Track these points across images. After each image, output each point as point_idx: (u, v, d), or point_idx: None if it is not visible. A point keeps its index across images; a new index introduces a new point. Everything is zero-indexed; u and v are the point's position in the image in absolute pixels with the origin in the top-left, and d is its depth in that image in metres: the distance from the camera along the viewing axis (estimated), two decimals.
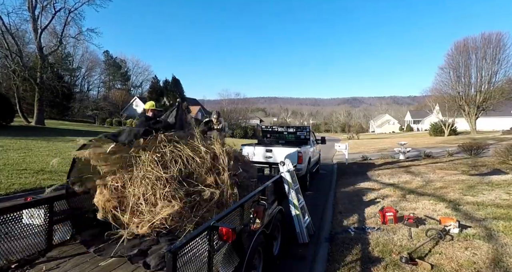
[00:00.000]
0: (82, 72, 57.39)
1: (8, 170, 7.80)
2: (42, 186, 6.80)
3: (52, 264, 2.55)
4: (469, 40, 33.01)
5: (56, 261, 2.60)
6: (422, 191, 6.81)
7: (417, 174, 9.15)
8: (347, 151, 13.31)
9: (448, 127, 33.43)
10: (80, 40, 29.07)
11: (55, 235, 2.89)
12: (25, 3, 23.75)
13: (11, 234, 2.52)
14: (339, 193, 7.42)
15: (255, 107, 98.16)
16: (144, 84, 67.77)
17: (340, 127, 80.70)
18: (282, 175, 4.40)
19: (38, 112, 25.45)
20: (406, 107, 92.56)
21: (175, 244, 1.76)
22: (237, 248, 2.42)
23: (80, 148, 2.94)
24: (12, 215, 2.53)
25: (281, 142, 8.62)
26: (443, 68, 35.18)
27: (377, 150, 19.22)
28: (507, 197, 5.77)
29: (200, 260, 2.04)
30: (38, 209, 2.72)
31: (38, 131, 19.53)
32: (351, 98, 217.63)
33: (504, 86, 31.94)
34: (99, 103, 50.61)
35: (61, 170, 8.48)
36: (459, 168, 9.75)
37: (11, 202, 4.83)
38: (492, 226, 4.26)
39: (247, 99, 60.05)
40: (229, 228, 2.09)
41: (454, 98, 34.15)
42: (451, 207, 5.38)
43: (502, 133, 29.48)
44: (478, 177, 7.94)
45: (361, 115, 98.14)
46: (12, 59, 23.46)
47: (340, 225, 4.89)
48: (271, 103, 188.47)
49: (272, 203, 3.98)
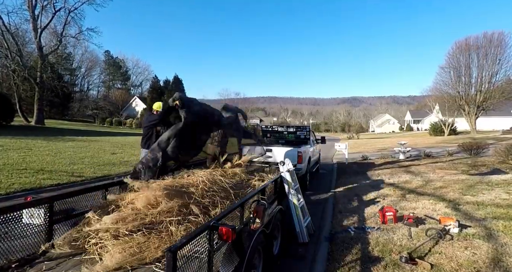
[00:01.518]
0: (82, 71, 57.48)
1: (8, 169, 7.80)
2: (42, 185, 6.81)
3: (52, 264, 2.55)
4: (471, 39, 32.95)
5: (56, 261, 2.60)
6: (422, 191, 6.81)
7: (417, 173, 9.15)
8: (347, 151, 13.31)
9: (448, 127, 33.42)
10: (80, 40, 29.14)
11: (55, 235, 2.90)
12: (25, 3, 23.78)
13: (11, 233, 2.52)
14: (339, 193, 7.42)
15: (255, 107, 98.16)
16: (144, 83, 67.86)
17: (340, 126, 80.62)
18: (282, 174, 4.40)
19: (38, 112, 25.46)
20: (406, 107, 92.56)
21: (175, 243, 1.77)
22: (237, 248, 2.42)
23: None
24: (12, 214, 2.53)
25: (281, 142, 8.62)
26: (443, 68, 35.18)
27: (377, 150, 19.23)
28: (507, 196, 5.77)
29: (200, 259, 2.05)
30: (38, 209, 2.72)
31: (38, 131, 19.53)
32: (351, 97, 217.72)
33: (504, 86, 31.93)
34: (99, 102, 50.60)
35: (61, 170, 8.49)
36: (459, 167, 9.76)
37: (11, 201, 4.83)
38: (492, 226, 4.26)
39: (247, 99, 60.16)
40: (229, 228, 2.09)
41: (454, 97, 34.12)
42: (451, 206, 5.38)
43: (502, 133, 29.49)
44: (478, 177, 7.94)
45: (361, 115, 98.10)
46: (12, 58, 23.45)
47: (340, 225, 4.90)
48: (271, 102, 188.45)
49: (272, 203, 3.98)
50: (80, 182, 7.48)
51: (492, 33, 31.88)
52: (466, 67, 32.97)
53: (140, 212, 2.99)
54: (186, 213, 3.07)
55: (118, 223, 2.82)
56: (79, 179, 7.77)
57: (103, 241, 2.67)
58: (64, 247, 2.68)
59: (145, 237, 2.72)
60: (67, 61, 46.32)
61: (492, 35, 31.80)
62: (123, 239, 2.67)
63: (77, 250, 2.68)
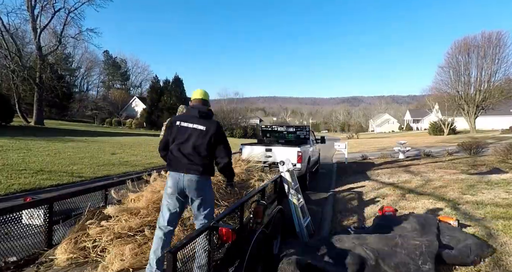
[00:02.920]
0: (82, 72, 57.46)
1: (7, 170, 7.79)
2: (41, 186, 6.80)
3: (52, 264, 2.55)
4: (469, 39, 33.04)
5: (56, 261, 2.59)
6: (422, 190, 6.82)
7: (417, 173, 9.16)
8: (347, 151, 13.32)
9: (447, 126, 33.46)
10: (80, 40, 29.10)
11: (55, 235, 2.90)
12: (25, 3, 23.72)
13: (11, 234, 2.52)
14: (338, 193, 7.43)
15: (255, 107, 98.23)
16: (144, 83, 67.83)
17: (340, 126, 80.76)
18: (281, 174, 4.40)
19: (37, 112, 25.43)
20: (406, 106, 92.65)
21: (175, 244, 1.77)
22: (237, 248, 2.42)
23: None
24: (12, 215, 2.53)
25: (280, 142, 8.62)
26: (443, 67, 35.27)
27: (376, 149, 19.24)
28: (506, 196, 5.77)
29: (200, 260, 2.05)
30: (38, 209, 2.72)
31: (38, 131, 19.50)
32: (351, 97, 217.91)
33: (503, 85, 31.98)
34: (98, 103, 50.57)
35: (60, 170, 8.49)
36: (459, 167, 9.76)
37: (11, 202, 4.83)
38: (491, 225, 4.26)
39: (246, 99, 60.18)
40: (229, 228, 2.09)
41: (453, 97, 34.19)
42: (450, 206, 5.38)
43: (502, 132, 29.52)
44: (478, 176, 7.94)
45: (360, 115, 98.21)
46: (12, 59, 23.39)
47: (340, 225, 4.90)
48: (270, 102, 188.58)
49: (272, 203, 3.99)
50: (79, 183, 7.48)
51: (490, 33, 32.00)
52: (465, 66, 33.06)
53: (143, 208, 3.01)
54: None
55: (121, 214, 2.83)
56: (78, 179, 7.77)
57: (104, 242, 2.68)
58: (64, 248, 2.68)
59: (145, 238, 2.73)
60: (66, 61, 46.30)
61: (490, 34, 31.90)
62: (125, 240, 2.68)
63: (78, 251, 2.68)
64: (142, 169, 9.36)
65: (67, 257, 2.55)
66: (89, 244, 2.66)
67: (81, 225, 2.86)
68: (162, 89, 41.69)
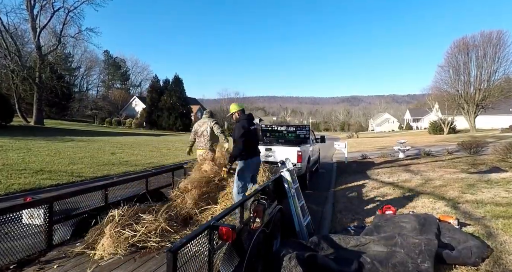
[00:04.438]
0: (81, 71, 57.38)
1: (7, 170, 7.79)
2: (41, 186, 6.80)
3: (52, 264, 2.56)
4: (469, 38, 33.01)
5: (56, 261, 2.60)
6: (422, 190, 6.82)
7: (417, 172, 9.16)
8: (347, 150, 13.32)
9: (447, 126, 33.47)
10: (79, 40, 29.08)
11: (55, 235, 2.90)
12: (24, 2, 23.70)
13: (11, 234, 2.52)
14: (338, 192, 7.43)
15: (255, 106, 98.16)
16: (144, 83, 67.81)
17: (340, 126, 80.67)
18: (281, 174, 4.40)
19: (37, 112, 25.42)
20: (406, 106, 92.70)
21: (175, 243, 1.77)
22: (237, 248, 2.42)
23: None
24: (12, 215, 2.53)
25: (280, 141, 8.62)
26: (442, 67, 35.21)
27: (376, 149, 19.24)
28: (506, 194, 5.78)
29: (201, 259, 2.05)
30: (38, 209, 2.72)
31: (37, 131, 19.50)
32: (351, 96, 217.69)
33: (503, 85, 31.97)
34: (98, 102, 50.54)
35: (60, 170, 8.49)
36: (459, 166, 9.77)
37: (11, 202, 4.83)
38: (491, 224, 4.27)
39: (246, 98, 60.12)
40: (229, 228, 2.09)
41: (453, 96, 34.16)
42: (450, 205, 5.39)
43: (501, 131, 29.53)
44: (477, 175, 7.95)
45: (360, 114, 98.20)
46: (11, 58, 23.38)
47: (340, 224, 4.90)
48: (270, 102, 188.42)
49: (272, 202, 3.99)
50: (79, 182, 7.48)
51: (490, 32, 31.95)
52: (465, 66, 33.00)
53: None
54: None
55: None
56: (78, 179, 7.77)
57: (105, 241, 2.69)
58: (64, 247, 2.68)
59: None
60: (66, 61, 46.25)
61: (490, 34, 31.86)
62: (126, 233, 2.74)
63: (80, 251, 2.69)
64: (142, 168, 9.38)
65: (67, 256, 2.56)
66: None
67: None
68: (162, 88, 41.68)
